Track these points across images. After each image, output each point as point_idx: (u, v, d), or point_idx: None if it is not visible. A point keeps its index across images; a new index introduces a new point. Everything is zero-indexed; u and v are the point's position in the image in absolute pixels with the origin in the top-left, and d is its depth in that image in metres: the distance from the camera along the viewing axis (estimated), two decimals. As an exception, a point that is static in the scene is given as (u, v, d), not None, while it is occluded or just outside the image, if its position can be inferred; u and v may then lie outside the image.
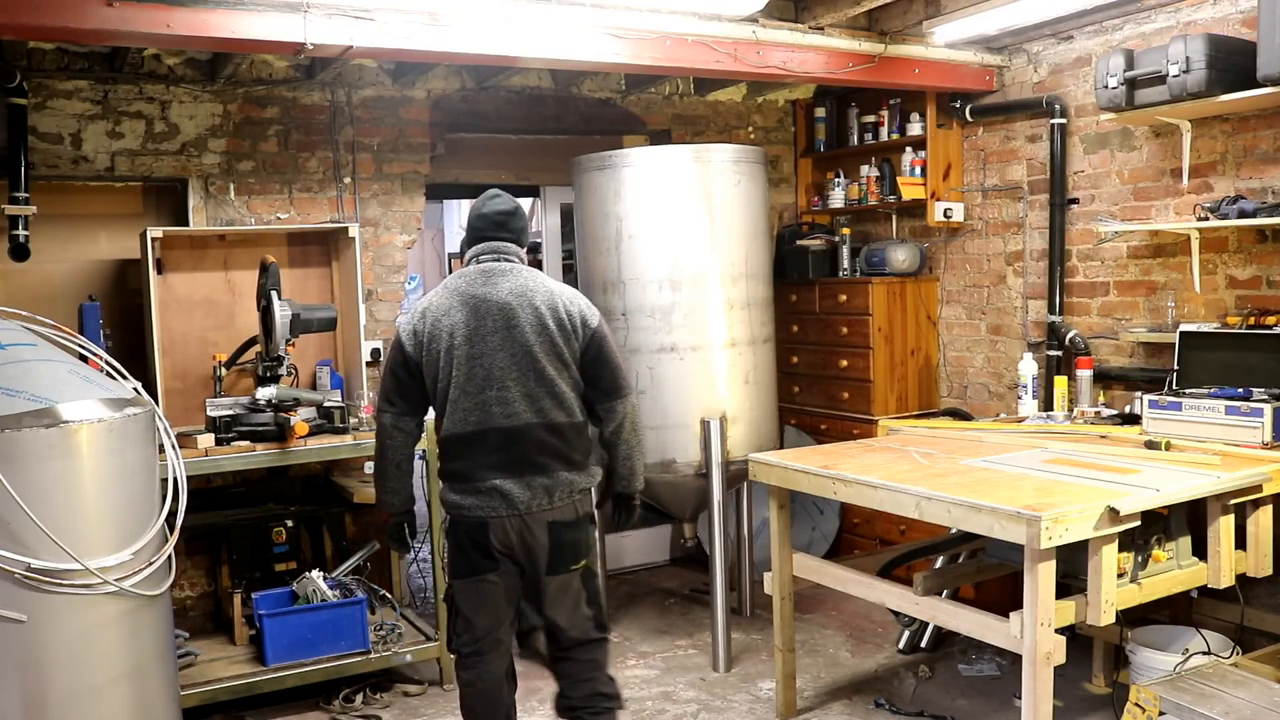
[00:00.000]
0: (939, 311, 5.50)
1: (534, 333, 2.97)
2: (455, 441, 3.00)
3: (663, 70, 4.66)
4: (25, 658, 2.69)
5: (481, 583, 3.01)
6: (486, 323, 2.97)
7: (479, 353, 2.96)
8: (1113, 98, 4.02)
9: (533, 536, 2.97)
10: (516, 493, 2.95)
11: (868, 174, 5.59)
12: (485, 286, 3.01)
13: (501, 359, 2.96)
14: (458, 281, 3.05)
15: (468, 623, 3.06)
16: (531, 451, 2.97)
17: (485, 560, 2.98)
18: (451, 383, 2.97)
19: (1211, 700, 2.93)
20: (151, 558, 2.94)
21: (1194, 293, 4.23)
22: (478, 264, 3.08)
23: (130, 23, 3.32)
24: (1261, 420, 3.48)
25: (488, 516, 2.95)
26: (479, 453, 2.96)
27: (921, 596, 3.35)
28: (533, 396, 2.96)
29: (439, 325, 2.99)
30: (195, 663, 4.04)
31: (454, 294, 3.02)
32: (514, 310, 2.98)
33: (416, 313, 3.05)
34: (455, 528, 3.04)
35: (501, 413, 2.95)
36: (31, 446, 2.67)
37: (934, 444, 3.89)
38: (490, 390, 2.95)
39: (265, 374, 4.11)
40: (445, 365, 2.97)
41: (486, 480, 2.95)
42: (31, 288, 4.39)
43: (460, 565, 3.03)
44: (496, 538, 2.96)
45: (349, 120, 4.93)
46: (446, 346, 2.97)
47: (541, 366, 2.97)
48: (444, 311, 3.00)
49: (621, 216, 4.49)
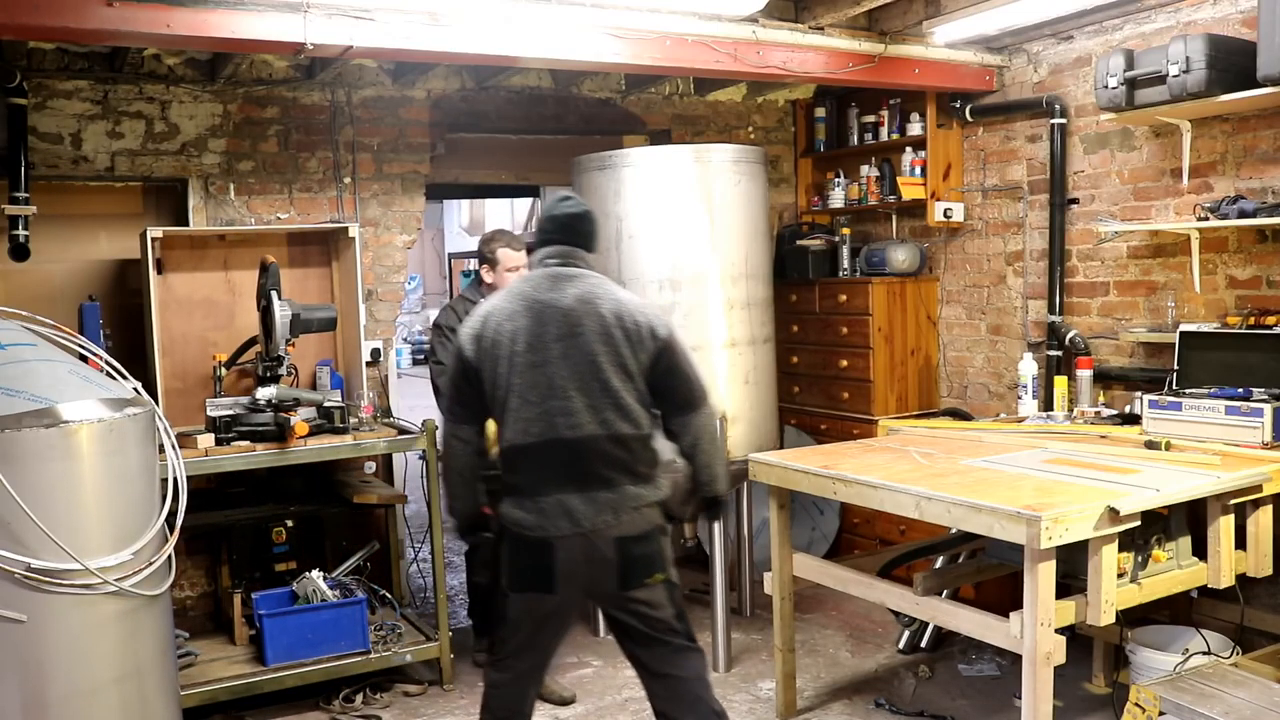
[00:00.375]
0: (939, 311, 5.50)
1: (599, 341, 2.83)
2: (516, 453, 2.85)
3: (663, 70, 4.66)
4: (25, 658, 2.69)
5: (538, 600, 2.89)
6: (550, 329, 2.84)
7: (541, 360, 2.83)
8: (1113, 98, 4.02)
9: (599, 555, 2.82)
10: (580, 508, 2.80)
11: (868, 174, 5.59)
12: (551, 292, 2.88)
13: (564, 368, 2.82)
14: (523, 286, 2.94)
15: (513, 632, 2.94)
16: (596, 464, 2.82)
17: (544, 581, 2.84)
18: (512, 391, 2.84)
19: (1211, 700, 2.93)
20: (151, 558, 2.94)
21: (1194, 293, 4.23)
22: (544, 268, 2.95)
23: (130, 23, 3.32)
24: (1261, 420, 3.48)
25: (551, 537, 2.80)
26: (541, 466, 2.83)
27: (921, 596, 3.35)
28: (596, 408, 2.82)
29: (501, 330, 2.86)
30: (195, 663, 4.05)
31: (518, 298, 2.90)
32: (579, 317, 2.84)
33: (478, 317, 2.94)
34: (515, 546, 2.89)
35: (565, 424, 2.80)
36: (31, 446, 2.67)
37: (934, 444, 3.89)
38: (553, 400, 2.81)
39: (265, 374, 4.11)
40: (506, 372, 2.84)
41: (549, 495, 2.81)
42: (31, 288, 4.39)
43: (517, 580, 2.90)
44: (560, 561, 2.81)
45: (349, 120, 4.92)
46: (508, 353, 2.84)
47: (606, 377, 2.82)
48: (506, 316, 2.88)
49: (621, 216, 4.49)
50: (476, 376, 2.90)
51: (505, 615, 2.95)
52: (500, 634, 2.99)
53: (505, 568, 2.92)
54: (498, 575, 2.99)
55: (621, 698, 4.12)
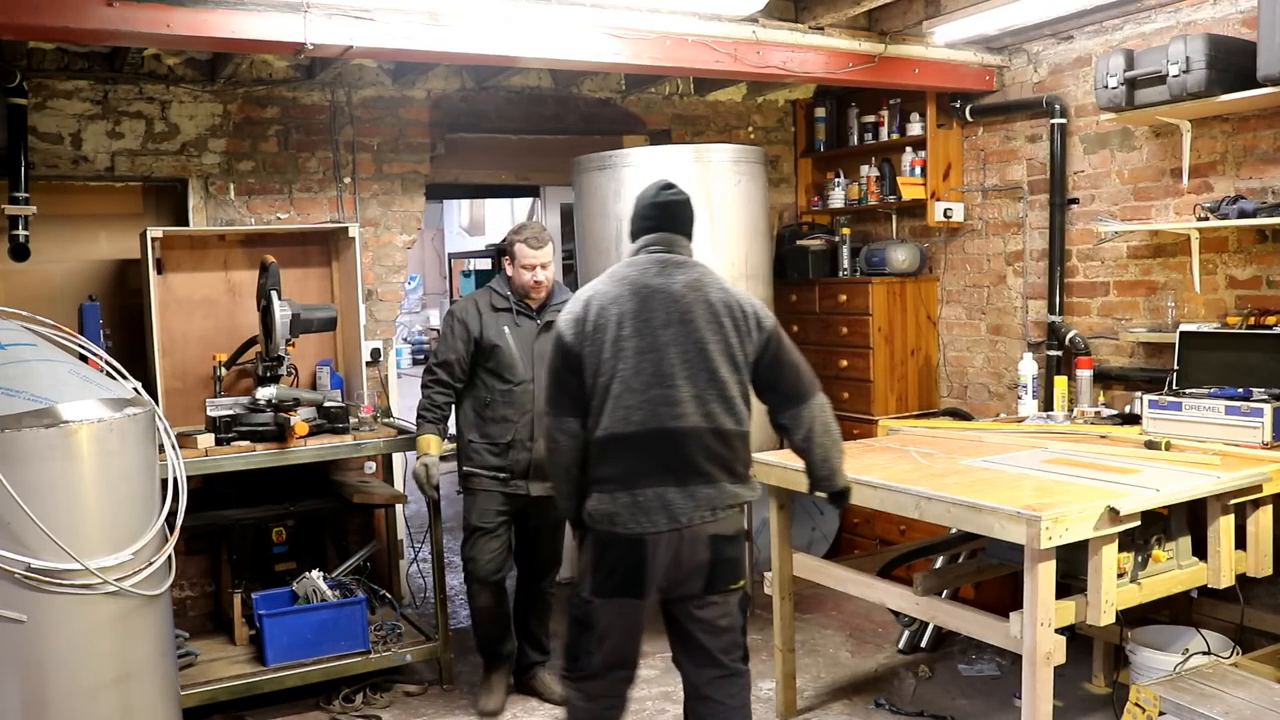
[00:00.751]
0: (939, 311, 5.50)
1: (709, 330, 2.73)
2: (615, 442, 2.71)
3: (663, 70, 4.66)
4: (25, 658, 2.69)
5: (626, 605, 2.75)
6: (658, 315, 2.72)
7: (648, 346, 2.70)
8: (1113, 98, 4.02)
9: (691, 553, 2.71)
10: (679, 503, 2.68)
11: (868, 174, 5.59)
12: (659, 277, 2.77)
13: (673, 355, 2.70)
14: (627, 270, 2.81)
15: (600, 643, 2.77)
16: (698, 458, 2.70)
17: (636, 584, 2.72)
18: (616, 376, 2.70)
19: (1211, 700, 2.93)
20: (151, 558, 2.94)
21: (1194, 293, 4.23)
22: (648, 254, 2.83)
23: (130, 23, 3.32)
24: (1261, 420, 3.48)
25: (644, 533, 2.67)
26: (641, 456, 2.69)
27: (921, 596, 3.35)
28: (702, 399, 2.71)
29: (605, 313, 2.74)
30: (195, 663, 4.04)
31: (622, 282, 2.78)
32: (689, 304, 2.74)
33: (579, 301, 2.81)
34: (603, 545, 2.75)
35: (669, 413, 2.68)
36: (31, 446, 2.67)
37: (934, 444, 3.89)
38: (658, 388, 2.69)
39: (265, 374, 4.11)
40: (611, 357, 2.71)
41: (647, 486, 2.68)
42: (31, 288, 4.39)
43: (605, 584, 2.75)
44: (653, 560, 2.69)
45: (349, 120, 4.92)
46: (614, 336, 2.71)
47: (715, 366, 2.72)
48: (611, 299, 2.75)
49: (621, 216, 4.47)
50: (578, 363, 2.76)
51: (589, 625, 2.78)
52: (583, 646, 2.79)
53: (588, 571, 2.77)
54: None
55: (621, 698, 4.12)
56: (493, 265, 7.00)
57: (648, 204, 2.91)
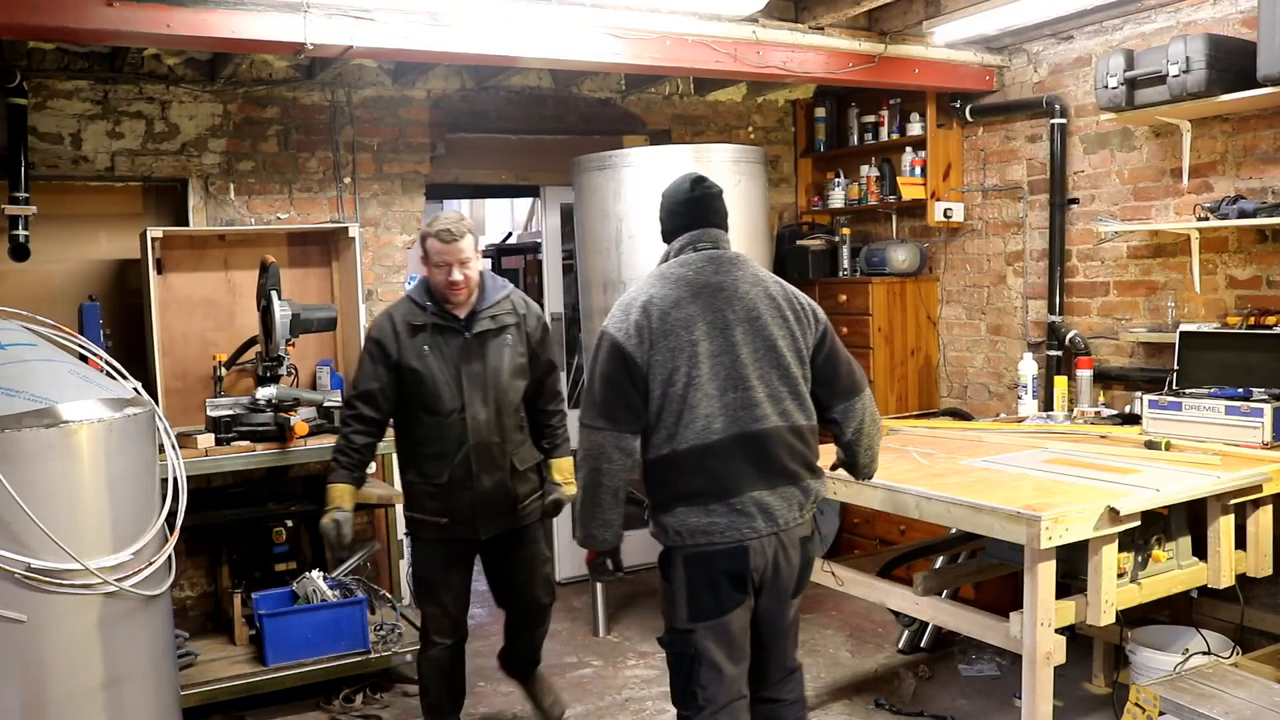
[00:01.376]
0: (939, 311, 5.50)
1: (776, 325, 2.63)
2: (699, 454, 2.55)
3: (663, 70, 4.66)
4: (25, 658, 2.69)
5: (730, 623, 2.60)
6: (726, 315, 2.60)
7: (719, 349, 2.58)
8: (1113, 98, 4.02)
9: (785, 556, 2.62)
10: (775, 505, 2.58)
11: (868, 174, 5.59)
12: (718, 275, 2.64)
13: (746, 355, 2.59)
14: (680, 270, 2.66)
15: (716, 674, 2.59)
16: (783, 457, 2.60)
17: (737, 594, 2.58)
18: (691, 384, 2.55)
19: (1211, 700, 2.93)
20: (151, 558, 2.94)
21: (1194, 293, 4.23)
22: (697, 251, 2.69)
23: (130, 23, 3.32)
24: (1261, 420, 3.48)
25: (746, 540, 2.55)
26: (730, 463, 2.56)
27: (921, 596, 3.35)
28: (776, 397, 2.61)
29: (670, 318, 2.58)
30: (195, 663, 4.04)
31: (679, 283, 2.63)
32: (754, 301, 2.63)
33: (634, 306, 2.62)
34: (696, 563, 2.58)
35: (749, 416, 2.57)
36: (31, 446, 2.67)
37: (934, 444, 3.89)
38: (733, 391, 2.57)
39: (265, 374, 4.11)
40: (685, 365, 2.56)
41: (744, 493, 2.55)
42: (31, 288, 4.39)
43: (706, 604, 2.58)
44: (755, 565, 2.57)
45: (349, 120, 4.92)
46: (686, 341, 2.57)
47: (786, 363, 2.62)
48: (673, 303, 2.60)
49: (621, 216, 4.49)
50: (643, 374, 2.58)
51: (697, 656, 2.59)
52: (698, 682, 2.60)
53: (680, 598, 2.61)
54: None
55: (621, 698, 4.12)
56: (493, 266, 6.99)
57: (683, 200, 2.75)
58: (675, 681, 2.68)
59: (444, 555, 3.40)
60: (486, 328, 3.30)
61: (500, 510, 3.38)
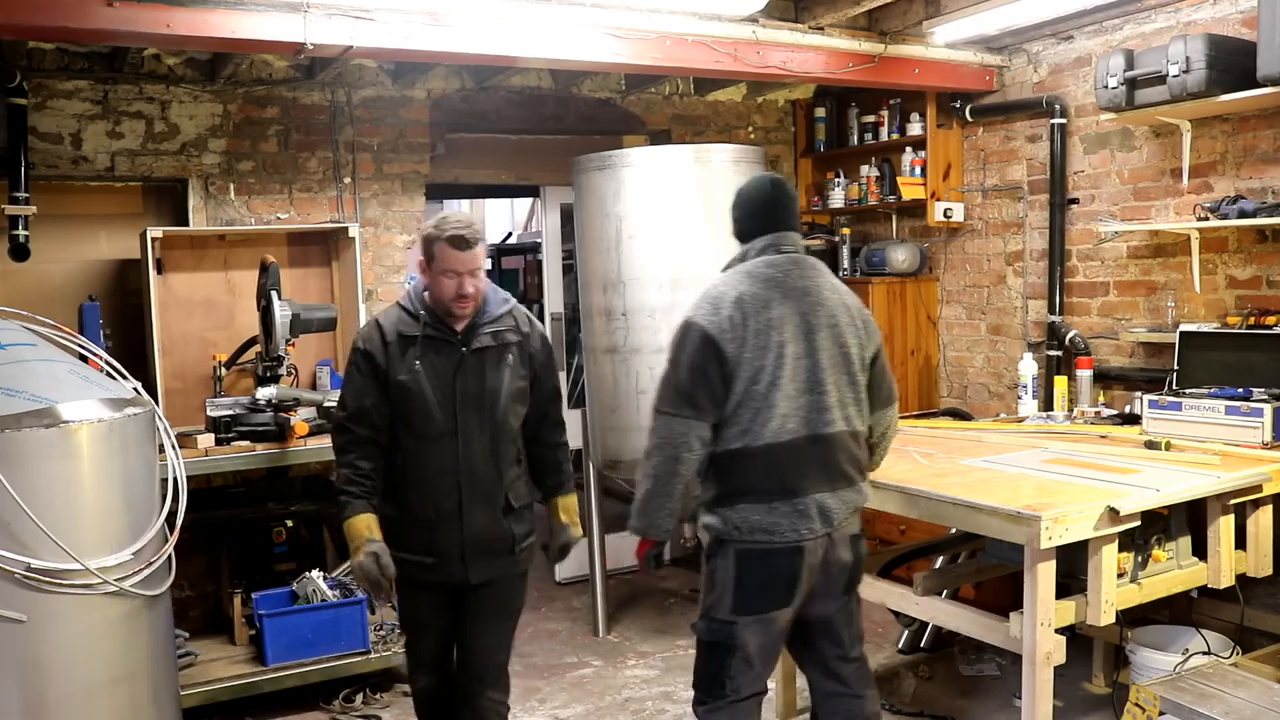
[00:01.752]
0: (939, 311, 5.50)
1: (850, 334, 2.72)
2: (770, 452, 2.62)
3: (663, 70, 4.66)
4: (25, 658, 2.69)
5: (774, 620, 2.68)
6: (810, 319, 2.67)
7: (803, 351, 2.65)
8: (1113, 98, 4.02)
9: (836, 556, 2.69)
10: (834, 507, 2.66)
11: (868, 174, 5.59)
12: (803, 280, 2.71)
13: (824, 359, 2.67)
14: (768, 270, 2.70)
15: (748, 667, 2.67)
16: (843, 461, 2.70)
17: (787, 594, 2.66)
18: (775, 383, 2.61)
19: (1211, 700, 2.93)
20: (151, 558, 2.94)
21: (1194, 293, 4.23)
22: (781, 253, 2.74)
23: (130, 23, 3.32)
24: (1261, 420, 3.48)
25: (802, 540, 2.61)
26: (799, 463, 2.64)
27: (921, 596, 3.34)
28: (843, 402, 2.70)
29: (763, 316, 2.63)
30: (195, 663, 4.04)
31: (767, 284, 2.68)
32: (834, 308, 2.71)
33: (725, 301, 2.65)
34: (750, 558, 2.65)
35: (820, 420, 2.65)
36: (31, 446, 2.67)
37: (934, 444, 3.89)
38: (809, 394, 2.65)
39: (265, 374, 4.11)
40: (772, 364, 2.61)
41: (808, 494, 2.63)
42: (31, 288, 4.39)
43: (754, 600, 2.65)
44: (809, 564, 2.64)
45: (349, 120, 4.92)
46: (775, 341, 2.62)
47: (854, 370, 2.72)
48: (764, 303, 2.65)
49: (621, 216, 4.48)
50: (732, 368, 2.62)
51: (732, 647, 2.67)
52: (727, 671, 2.68)
53: (729, 589, 2.66)
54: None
55: (621, 697, 4.12)
56: (493, 266, 6.98)
57: (764, 201, 2.80)
58: (704, 669, 2.73)
59: (429, 602, 2.98)
60: (486, 344, 2.91)
61: (495, 551, 2.95)
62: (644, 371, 4.46)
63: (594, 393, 4.69)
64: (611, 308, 4.52)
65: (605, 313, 4.54)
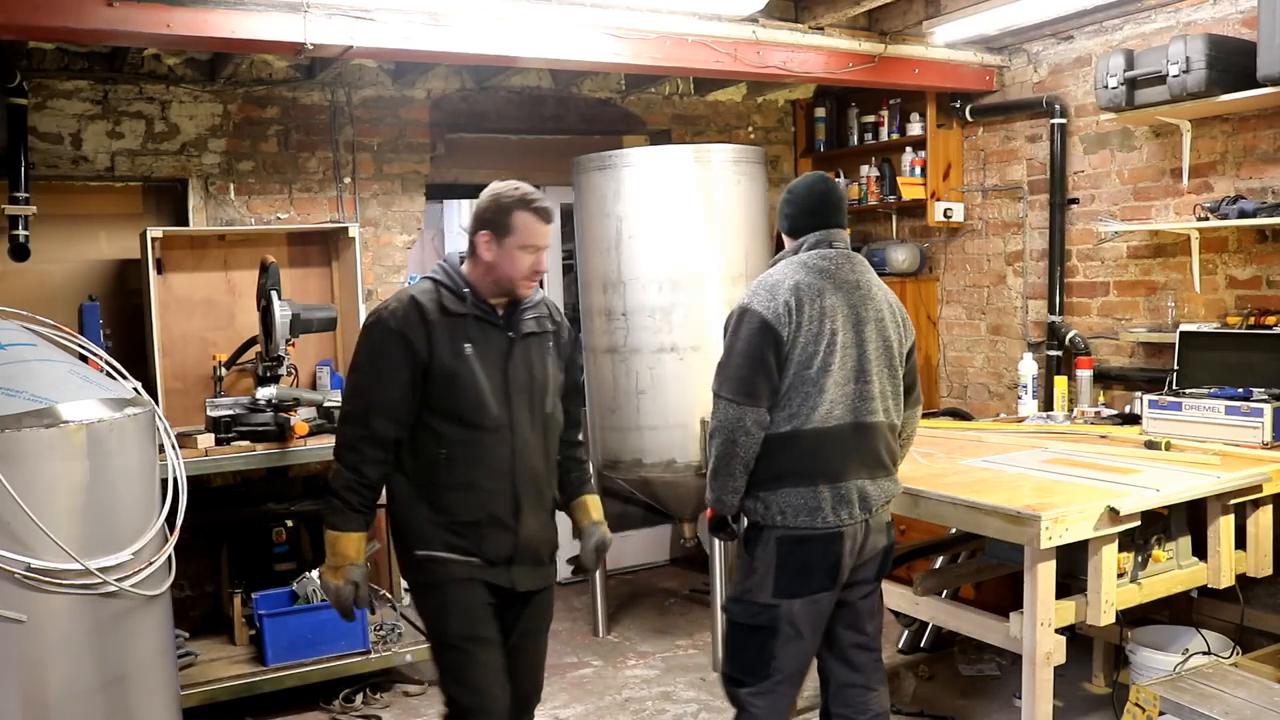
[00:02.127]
0: (939, 311, 5.50)
1: (893, 329, 2.81)
2: (817, 436, 2.68)
3: (663, 70, 4.66)
4: (25, 658, 2.69)
5: (819, 601, 2.74)
6: (860, 312, 2.75)
7: (852, 341, 2.73)
8: (1113, 98, 4.02)
9: (872, 543, 2.78)
10: (873, 494, 2.74)
11: (868, 174, 5.59)
12: (853, 274, 2.79)
13: (872, 350, 2.75)
14: (821, 263, 2.77)
15: (793, 647, 2.73)
16: (882, 451, 2.78)
17: (830, 578, 2.72)
18: (827, 370, 2.68)
19: (1211, 700, 2.93)
20: (151, 558, 2.94)
21: (1194, 293, 4.23)
22: (833, 248, 2.82)
23: (130, 23, 3.32)
24: (1261, 420, 3.48)
25: (843, 525, 2.69)
26: (842, 450, 2.71)
27: (921, 596, 3.35)
28: (884, 394, 2.78)
29: (818, 305, 2.70)
30: (195, 663, 4.04)
31: (821, 275, 2.75)
32: (880, 303, 2.80)
33: (782, 288, 2.71)
34: (792, 543, 2.70)
35: (864, 409, 2.73)
36: (31, 446, 2.67)
37: (934, 444, 3.89)
38: (855, 383, 2.72)
39: (265, 374, 4.11)
40: (825, 351, 2.68)
41: (850, 480, 2.70)
42: (31, 288, 4.39)
43: (794, 583, 2.70)
44: (848, 550, 2.72)
45: (349, 120, 4.92)
46: (829, 330, 2.69)
47: (895, 365, 2.82)
48: (818, 292, 2.71)
49: (621, 216, 4.48)
50: (787, 353, 2.68)
51: (774, 630, 2.72)
52: (768, 653, 2.72)
53: (770, 572, 2.72)
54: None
55: (621, 697, 4.12)
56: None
57: (818, 199, 2.88)
58: (743, 652, 2.78)
59: (484, 598, 2.62)
60: (531, 330, 2.65)
61: (541, 559, 2.72)
62: (644, 371, 4.47)
63: (594, 393, 4.70)
64: (611, 308, 4.52)
65: (605, 313, 4.54)
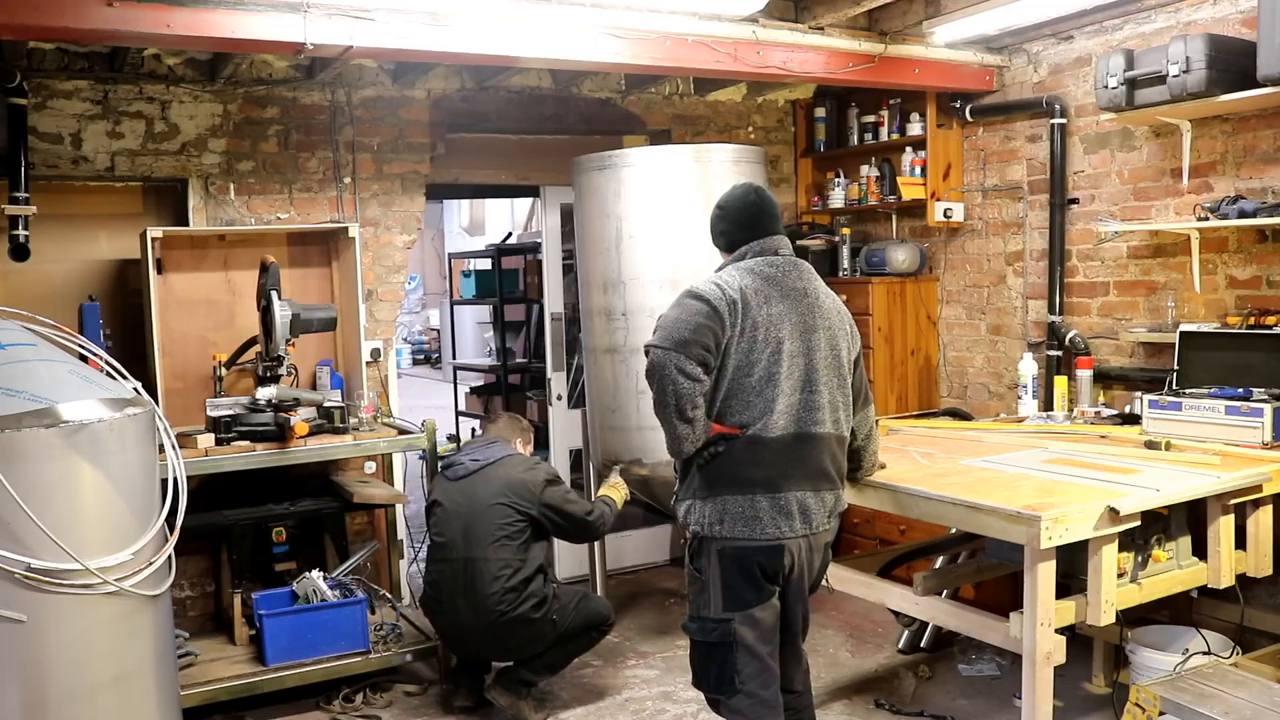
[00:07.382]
0: (939, 311, 5.50)
1: (842, 338, 2.80)
2: (758, 444, 2.67)
3: (663, 70, 4.66)
4: (25, 658, 2.69)
5: (767, 609, 2.75)
6: (808, 320, 2.74)
7: (799, 350, 2.71)
8: (1113, 98, 4.02)
9: (810, 558, 2.78)
10: (814, 508, 2.73)
11: (868, 174, 5.59)
12: (802, 282, 2.78)
13: (819, 360, 2.73)
14: (766, 269, 2.76)
15: (752, 658, 2.74)
16: (827, 463, 2.76)
17: (770, 586, 2.74)
18: (769, 379, 2.66)
19: (1211, 700, 2.93)
20: (151, 558, 2.94)
21: (1194, 293, 4.23)
22: (778, 255, 2.81)
23: (130, 23, 3.32)
24: (1261, 420, 3.48)
25: (783, 538, 2.68)
26: (783, 460, 2.69)
27: (921, 596, 3.35)
28: (834, 404, 2.76)
29: (760, 309, 2.69)
30: (195, 663, 4.04)
31: (767, 281, 2.74)
32: (828, 311, 2.79)
33: (729, 286, 2.70)
34: (732, 557, 2.70)
35: (809, 419, 2.71)
36: (31, 446, 2.67)
37: (934, 444, 3.89)
38: (801, 393, 2.70)
39: (265, 374, 4.11)
40: (767, 359, 2.67)
41: (789, 491, 2.69)
42: (31, 288, 4.39)
43: (742, 596, 2.71)
44: (787, 564, 2.72)
45: (349, 120, 4.92)
46: (774, 338, 2.68)
47: (845, 374, 2.80)
48: (764, 298, 2.71)
49: (621, 216, 4.48)
50: (722, 334, 2.67)
51: (731, 644, 2.72)
52: (736, 667, 2.73)
53: (715, 587, 2.73)
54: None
55: (621, 698, 4.12)
56: (493, 266, 6.95)
57: (751, 209, 2.87)
58: (706, 668, 2.80)
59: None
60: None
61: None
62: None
63: (594, 393, 4.70)
64: (611, 308, 4.52)
65: (605, 313, 4.54)
